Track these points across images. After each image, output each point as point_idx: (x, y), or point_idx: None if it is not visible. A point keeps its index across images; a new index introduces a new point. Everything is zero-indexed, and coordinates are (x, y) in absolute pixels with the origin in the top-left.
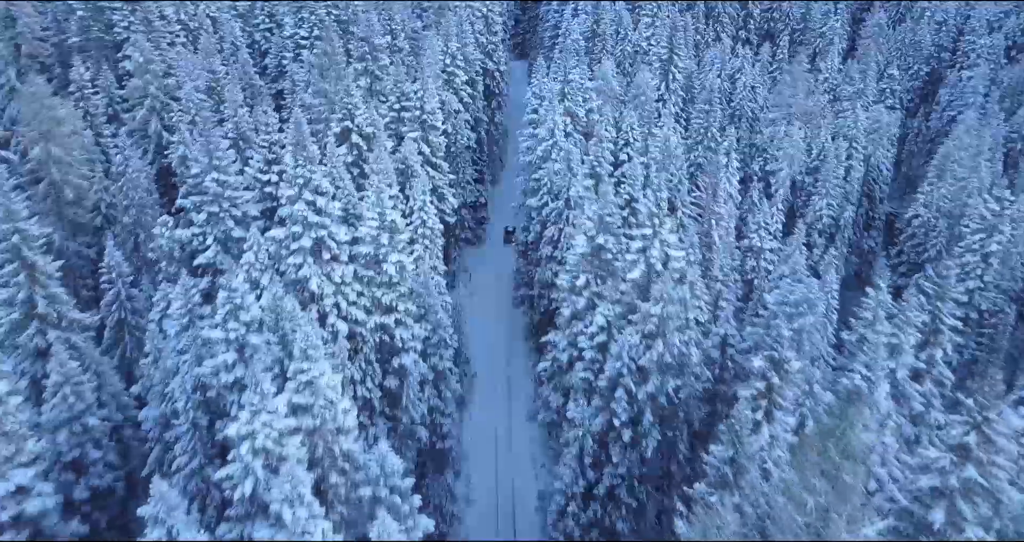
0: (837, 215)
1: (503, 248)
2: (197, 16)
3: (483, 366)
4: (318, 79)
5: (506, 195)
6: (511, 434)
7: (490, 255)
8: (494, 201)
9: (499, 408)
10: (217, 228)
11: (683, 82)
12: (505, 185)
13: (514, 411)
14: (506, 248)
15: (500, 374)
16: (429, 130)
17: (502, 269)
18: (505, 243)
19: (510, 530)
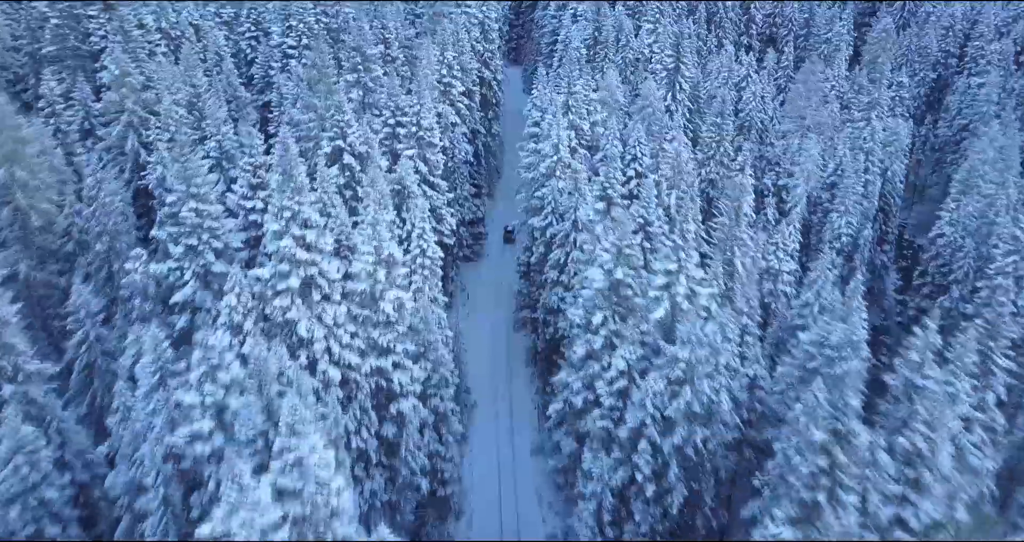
0: (856, 233)
1: (502, 261)
2: (179, 24)
3: (483, 393)
4: (307, 93)
5: (503, 205)
6: (515, 468)
7: (489, 270)
8: (491, 213)
9: (502, 440)
10: (196, 262)
11: (690, 92)
12: (501, 196)
13: (517, 444)
14: (505, 260)
15: (502, 403)
16: (426, 147)
17: (502, 283)
18: (505, 242)
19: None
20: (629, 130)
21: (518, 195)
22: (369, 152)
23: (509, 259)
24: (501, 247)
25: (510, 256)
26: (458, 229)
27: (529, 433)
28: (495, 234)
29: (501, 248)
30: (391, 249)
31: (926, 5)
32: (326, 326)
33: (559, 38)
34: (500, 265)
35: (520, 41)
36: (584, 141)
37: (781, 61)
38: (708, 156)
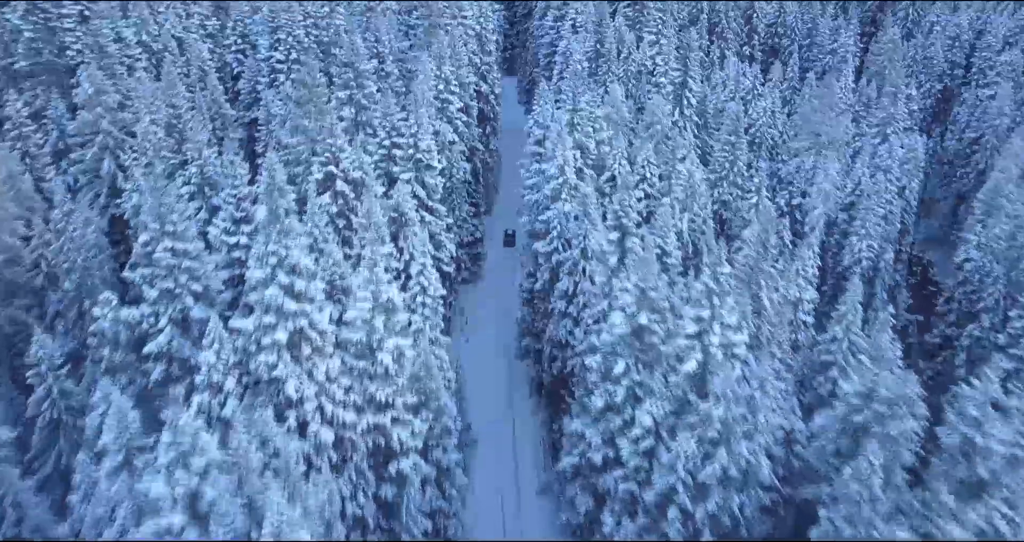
0: (876, 256)
1: (501, 272)
2: (161, 37)
3: (484, 427)
4: (296, 114)
5: (500, 222)
6: (520, 511)
7: (488, 290)
8: (489, 231)
9: (505, 479)
10: (173, 307)
11: (697, 106)
12: (499, 212)
13: (523, 482)
14: (505, 270)
15: (504, 437)
16: (425, 170)
17: (502, 302)
18: (505, 245)
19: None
20: (637, 149)
21: (521, 218)
22: (364, 178)
23: (509, 268)
24: (501, 253)
25: (510, 265)
26: (457, 253)
27: (534, 470)
28: (494, 253)
29: (501, 253)
30: (390, 294)
31: (930, 15)
32: (317, 383)
33: (558, 49)
34: (500, 279)
35: (515, 51)
36: (589, 160)
37: (786, 73)
38: (720, 176)
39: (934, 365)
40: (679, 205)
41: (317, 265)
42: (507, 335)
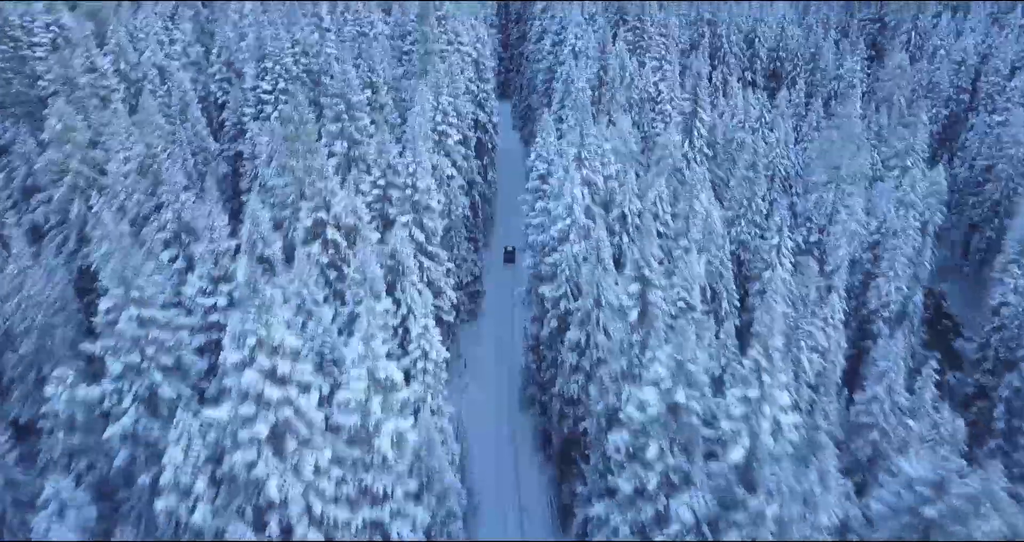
0: (906, 300)
1: (500, 312)
2: (140, 66)
3: (487, 485)
4: (283, 153)
5: (499, 254)
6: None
7: (488, 327)
8: (488, 264)
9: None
10: (139, 383)
11: (707, 137)
12: (497, 243)
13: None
14: (504, 295)
15: (508, 496)
16: (423, 212)
17: (503, 341)
18: (505, 262)
19: None
20: (647, 184)
21: (526, 261)
22: (358, 224)
23: (508, 294)
24: (500, 275)
25: (509, 289)
26: (457, 298)
27: (543, 533)
28: (494, 276)
29: (500, 275)
30: (389, 372)
31: (933, 38)
32: (304, 481)
33: (557, 75)
34: (499, 310)
35: (508, 74)
36: (597, 197)
37: (792, 99)
38: (737, 214)
39: (968, 415)
40: (695, 245)
41: (304, 332)
42: (508, 378)
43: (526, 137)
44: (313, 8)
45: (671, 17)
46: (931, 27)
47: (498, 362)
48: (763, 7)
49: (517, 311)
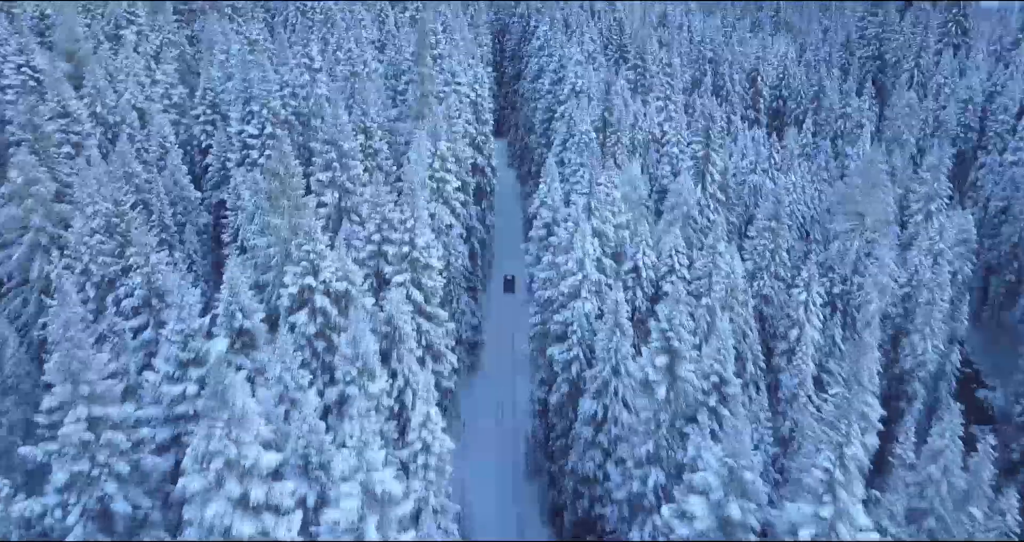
0: (943, 358)
1: (501, 365)
2: (119, 108)
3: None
4: (267, 209)
5: (497, 299)
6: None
7: (488, 380)
8: (487, 311)
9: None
10: (88, 495)
11: (720, 182)
12: (495, 288)
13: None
14: (505, 333)
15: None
16: (422, 271)
17: (503, 395)
18: (505, 291)
19: None
20: (659, 233)
21: (532, 317)
22: (350, 290)
23: (509, 324)
24: (503, 285)
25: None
26: (458, 357)
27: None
28: (493, 342)
29: (500, 302)
30: (386, 484)
31: (937, 76)
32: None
33: (557, 115)
34: (500, 375)
35: (503, 112)
36: (608, 248)
37: (800, 139)
38: (759, 266)
39: (1014, 482)
40: (718, 303)
41: (287, 425)
42: (512, 443)
43: (522, 175)
44: (304, 49)
45: (674, 56)
46: (933, 65)
47: (499, 423)
48: (764, 45)
49: (518, 359)
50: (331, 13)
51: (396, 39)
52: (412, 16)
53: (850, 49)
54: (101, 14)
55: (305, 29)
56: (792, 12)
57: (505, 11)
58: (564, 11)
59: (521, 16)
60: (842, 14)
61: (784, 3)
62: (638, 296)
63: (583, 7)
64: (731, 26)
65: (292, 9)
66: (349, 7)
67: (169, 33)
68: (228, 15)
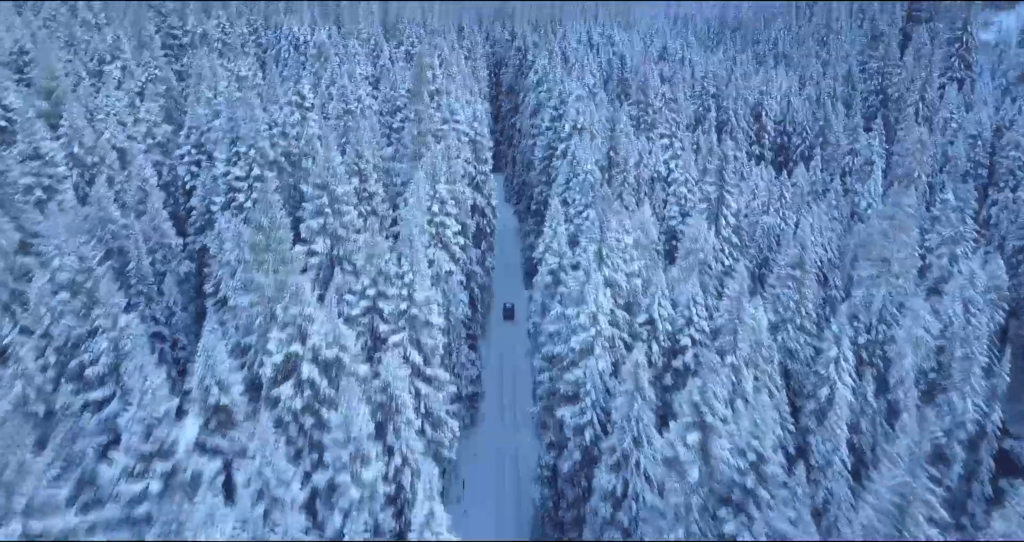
0: (984, 417)
1: (503, 415)
2: (97, 148)
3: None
4: (250, 263)
5: (496, 344)
6: None
7: (488, 434)
8: (487, 358)
9: None
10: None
11: (734, 224)
12: (495, 334)
13: None
14: (506, 369)
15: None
16: (421, 328)
17: (504, 452)
18: (505, 319)
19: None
20: (673, 281)
21: (540, 375)
22: (341, 357)
23: (510, 356)
24: (503, 313)
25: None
26: (459, 418)
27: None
28: (493, 379)
29: (500, 326)
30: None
31: (942, 111)
32: None
33: (557, 152)
34: (500, 430)
35: (500, 147)
36: (620, 299)
37: (809, 175)
38: (783, 318)
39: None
40: (744, 362)
41: (267, 526)
42: (517, 508)
43: (520, 211)
44: (295, 85)
45: (679, 91)
46: (937, 99)
47: (501, 484)
48: (768, 79)
49: (520, 409)
50: (324, 48)
51: (391, 74)
52: (407, 51)
53: (852, 83)
54: (84, 49)
55: (297, 64)
56: (790, 45)
57: (501, 45)
58: (562, 44)
59: (518, 49)
60: (840, 47)
61: (782, 37)
62: (654, 350)
63: (580, 41)
64: (731, 60)
65: (285, 43)
66: (343, 41)
67: (156, 68)
68: (218, 50)
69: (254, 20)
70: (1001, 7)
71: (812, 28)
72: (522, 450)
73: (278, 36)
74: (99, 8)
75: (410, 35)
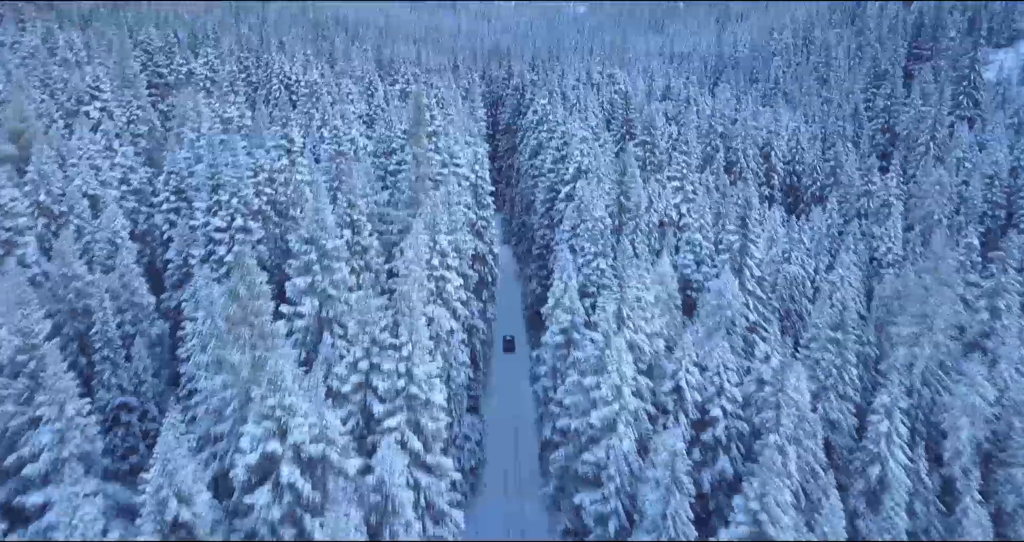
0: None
1: (506, 492)
2: (67, 196)
3: None
4: (223, 339)
5: (498, 400)
6: None
7: (490, 512)
8: (488, 420)
9: None
10: None
11: (758, 275)
12: (495, 389)
13: None
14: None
15: None
16: (421, 409)
17: (511, 534)
18: (505, 352)
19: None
20: (698, 342)
21: (556, 452)
22: (328, 454)
23: (511, 390)
24: (503, 345)
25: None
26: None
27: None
28: (495, 451)
29: (500, 358)
30: None
31: (956, 151)
32: None
33: (561, 195)
34: (502, 503)
35: (497, 185)
36: (641, 363)
37: (826, 219)
38: (824, 385)
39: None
40: (787, 440)
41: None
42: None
43: (520, 254)
44: (283, 129)
45: (690, 131)
46: (948, 138)
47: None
48: (776, 118)
49: (524, 462)
50: (316, 87)
51: (386, 113)
52: (403, 89)
53: (859, 121)
54: (63, 88)
55: (288, 104)
56: (791, 83)
57: (498, 83)
58: (563, 83)
59: (516, 88)
60: (840, 85)
61: (783, 74)
62: (681, 422)
63: (580, 79)
64: (735, 98)
65: (276, 82)
66: (336, 80)
67: (138, 108)
68: (205, 88)
69: (244, 58)
70: (1000, 45)
71: (811, 66)
72: (530, 531)
73: (269, 75)
74: (81, 46)
75: (405, 73)
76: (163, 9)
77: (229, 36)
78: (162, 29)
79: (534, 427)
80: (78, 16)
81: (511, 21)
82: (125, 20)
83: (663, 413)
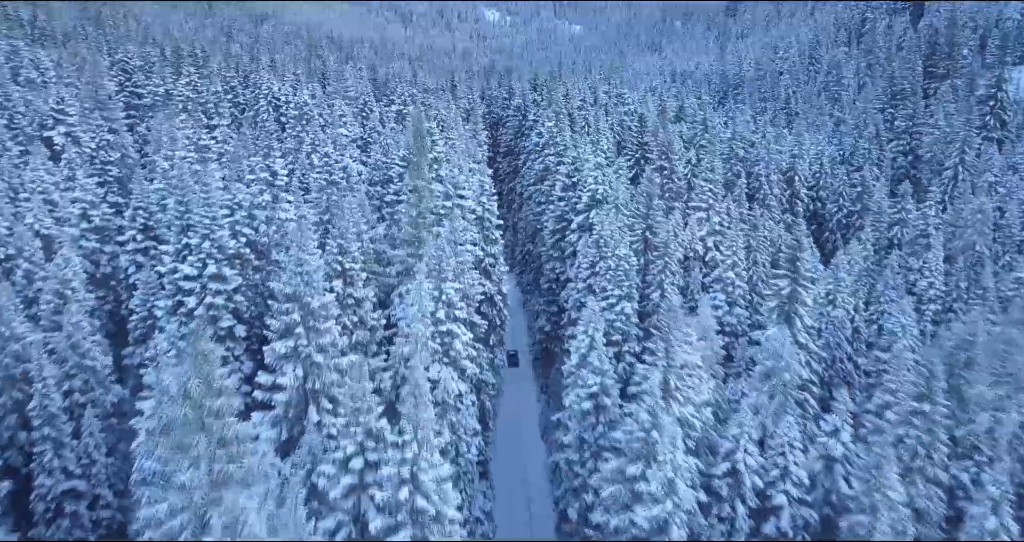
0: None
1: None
2: (15, 238)
3: None
4: (172, 448)
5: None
6: None
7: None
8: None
9: None
10: None
11: (809, 325)
12: (502, 433)
13: None
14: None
15: None
16: (431, 524)
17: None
18: (509, 366)
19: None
20: (760, 412)
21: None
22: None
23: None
24: (507, 359)
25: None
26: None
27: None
28: (505, 522)
29: (505, 371)
30: None
31: (986, 174)
32: None
33: (573, 225)
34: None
35: (499, 209)
36: (690, 441)
37: (863, 252)
38: (909, 467)
39: None
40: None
41: None
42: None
43: (526, 284)
44: (265, 160)
45: (715, 158)
46: (976, 161)
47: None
48: (799, 141)
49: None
50: (307, 109)
51: (382, 137)
52: (399, 110)
53: (880, 143)
54: (23, 113)
55: (275, 128)
56: (801, 103)
57: (498, 103)
58: (569, 104)
59: (517, 108)
60: (853, 105)
61: (794, 95)
62: (738, 512)
63: (585, 99)
64: (751, 119)
65: (263, 104)
66: (328, 102)
67: (109, 133)
68: (186, 109)
69: (231, 78)
70: (1015, 63)
71: (819, 85)
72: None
73: (256, 96)
74: (48, 65)
75: (401, 93)
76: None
77: (218, 55)
78: (142, 47)
79: (547, 493)
80: (60, 34)
81: (505, 40)
82: (104, 37)
83: (717, 500)
